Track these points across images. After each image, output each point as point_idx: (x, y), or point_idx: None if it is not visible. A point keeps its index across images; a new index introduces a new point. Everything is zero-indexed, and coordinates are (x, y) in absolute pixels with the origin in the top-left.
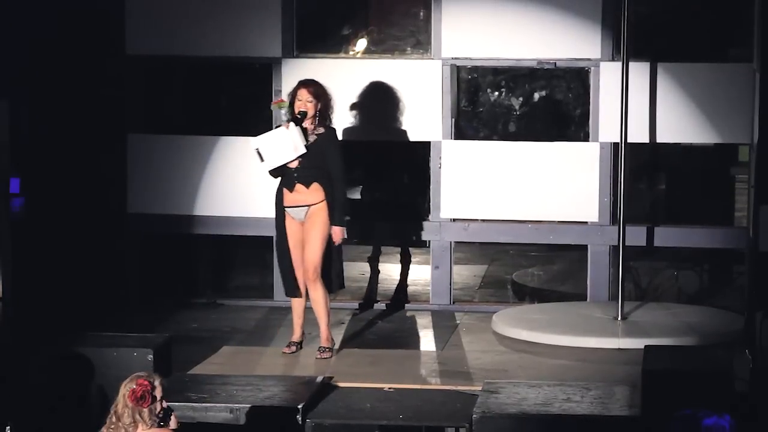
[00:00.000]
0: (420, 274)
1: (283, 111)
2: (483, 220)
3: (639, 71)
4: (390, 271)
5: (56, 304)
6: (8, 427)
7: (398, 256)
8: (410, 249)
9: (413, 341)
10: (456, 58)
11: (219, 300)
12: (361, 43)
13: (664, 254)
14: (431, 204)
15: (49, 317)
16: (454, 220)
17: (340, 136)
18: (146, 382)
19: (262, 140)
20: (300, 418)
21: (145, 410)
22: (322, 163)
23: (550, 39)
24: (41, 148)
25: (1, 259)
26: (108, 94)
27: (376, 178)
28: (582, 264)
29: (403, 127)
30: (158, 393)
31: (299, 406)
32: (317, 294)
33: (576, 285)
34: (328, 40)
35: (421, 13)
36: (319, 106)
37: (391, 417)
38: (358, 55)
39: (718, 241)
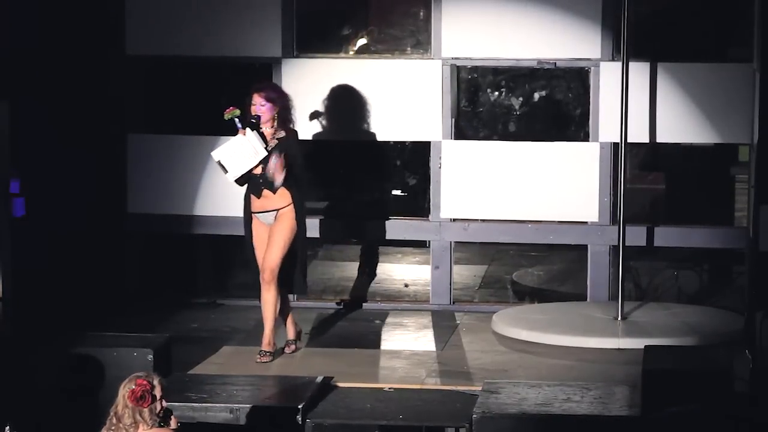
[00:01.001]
0: (420, 274)
1: (236, 119)
2: (483, 220)
3: (639, 71)
4: (390, 271)
5: (56, 303)
6: (7, 427)
7: (398, 255)
8: (410, 248)
9: (415, 341)
10: (456, 58)
11: (219, 300)
12: (361, 43)
13: (664, 254)
14: (431, 204)
15: (49, 317)
16: (454, 220)
17: (340, 136)
18: (146, 382)
19: (222, 151)
20: (300, 418)
21: (146, 410)
22: (287, 166)
23: (550, 39)
24: (41, 148)
25: (1, 259)
26: (108, 94)
27: (375, 178)
28: (582, 264)
29: (403, 127)
30: (158, 392)
31: (299, 406)
32: (270, 295)
33: (576, 285)
34: (328, 40)
35: (421, 13)
36: (276, 110)
37: (391, 417)
38: (358, 55)
39: (718, 241)
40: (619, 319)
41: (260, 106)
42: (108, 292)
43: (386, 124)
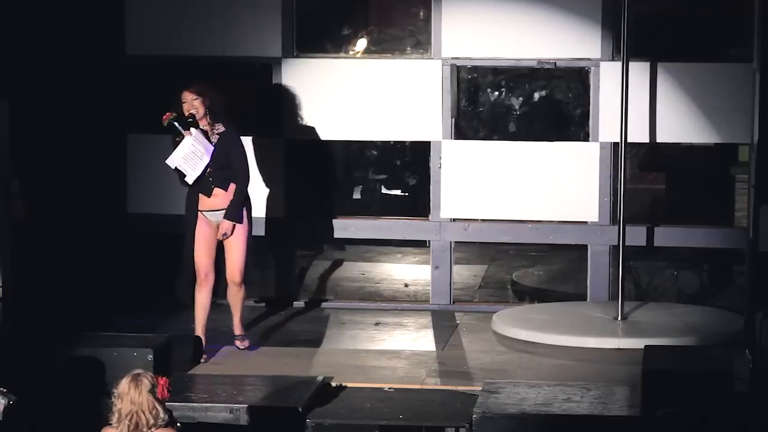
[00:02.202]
0: (420, 274)
1: (175, 123)
2: (483, 220)
3: (639, 71)
4: (390, 271)
5: (56, 304)
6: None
7: (398, 255)
8: (410, 248)
9: (415, 341)
10: (456, 58)
11: (219, 300)
12: (361, 43)
13: (664, 254)
14: (431, 204)
15: (50, 317)
16: (454, 220)
17: (340, 136)
18: (162, 378)
19: (176, 157)
20: (300, 418)
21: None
22: (230, 161)
23: (550, 39)
24: (41, 148)
25: (1, 258)
26: (108, 94)
27: (375, 178)
28: (582, 264)
29: (403, 127)
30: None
31: (299, 406)
32: (241, 293)
33: (576, 285)
34: (328, 40)
35: (421, 13)
36: (207, 103)
37: (391, 417)
38: (358, 55)
39: (718, 241)
40: (619, 319)
41: (193, 101)
42: (108, 292)
43: (386, 124)
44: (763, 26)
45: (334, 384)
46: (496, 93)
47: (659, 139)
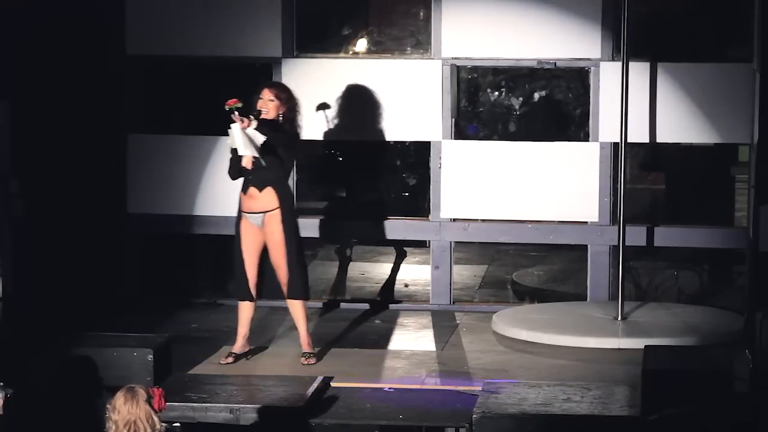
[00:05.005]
0: (420, 274)
1: (237, 111)
2: (483, 220)
3: (639, 71)
4: (390, 270)
5: (56, 303)
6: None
7: (394, 256)
8: (407, 248)
9: (415, 341)
10: (456, 58)
11: (219, 300)
12: (361, 43)
13: (664, 254)
14: (431, 204)
15: (50, 317)
16: (454, 220)
17: (340, 136)
18: (157, 389)
19: (240, 147)
20: (300, 418)
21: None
22: (275, 164)
23: (550, 39)
24: (41, 148)
25: (1, 259)
26: (108, 94)
27: (375, 178)
28: (582, 264)
29: (403, 127)
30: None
31: (299, 406)
32: (297, 302)
33: (576, 285)
34: (328, 40)
35: (421, 13)
36: (282, 110)
37: (391, 417)
38: (358, 55)
39: (718, 241)
40: (619, 319)
41: (268, 101)
42: (108, 292)
43: (386, 124)
44: (763, 26)
45: (334, 384)
46: (496, 93)
47: (659, 139)
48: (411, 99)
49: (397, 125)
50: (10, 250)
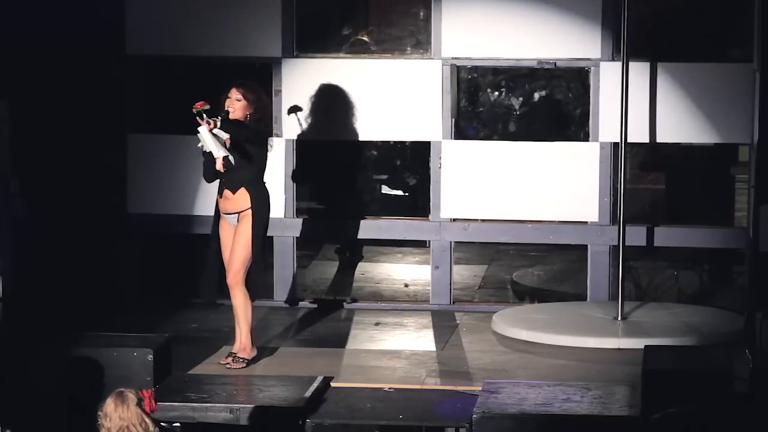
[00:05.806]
0: (420, 274)
1: (204, 114)
2: (483, 220)
3: (639, 71)
4: (390, 271)
5: (56, 304)
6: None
7: (398, 255)
8: (410, 248)
9: (415, 341)
10: (456, 58)
11: (219, 300)
12: (361, 43)
13: (664, 254)
14: (431, 204)
15: (49, 317)
16: (454, 220)
17: (340, 136)
18: (147, 390)
19: (213, 148)
20: (300, 418)
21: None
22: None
23: (550, 39)
24: (41, 148)
25: (1, 259)
26: (108, 94)
27: (375, 179)
28: (582, 264)
29: (403, 127)
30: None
31: (299, 406)
32: (235, 300)
33: (576, 285)
34: (328, 40)
35: (421, 13)
36: (249, 110)
37: (391, 417)
38: (358, 55)
39: (718, 241)
40: (619, 319)
41: (235, 101)
42: (108, 292)
43: (386, 124)
44: (763, 26)
45: (334, 384)
46: (496, 93)
47: (659, 139)
48: (411, 99)
49: (397, 125)
50: (10, 250)
